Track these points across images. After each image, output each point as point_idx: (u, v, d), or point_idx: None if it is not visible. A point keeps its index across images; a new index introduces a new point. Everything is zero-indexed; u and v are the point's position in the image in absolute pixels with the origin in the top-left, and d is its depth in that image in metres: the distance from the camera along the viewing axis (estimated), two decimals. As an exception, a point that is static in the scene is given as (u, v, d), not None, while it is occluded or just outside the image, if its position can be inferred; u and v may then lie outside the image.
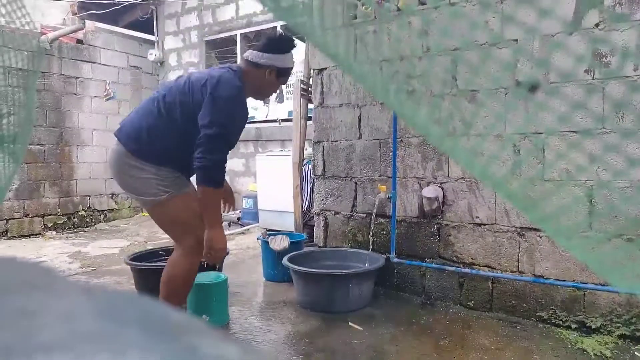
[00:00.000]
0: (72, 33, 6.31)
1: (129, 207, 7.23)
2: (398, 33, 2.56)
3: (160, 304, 0.28)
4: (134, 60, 7.24)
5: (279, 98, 6.18)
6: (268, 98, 2.44)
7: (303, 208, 4.35)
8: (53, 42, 5.99)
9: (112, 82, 6.92)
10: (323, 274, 2.87)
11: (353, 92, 3.41)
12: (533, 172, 2.61)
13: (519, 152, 2.67)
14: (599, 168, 2.43)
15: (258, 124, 6.26)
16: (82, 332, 0.23)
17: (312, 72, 3.76)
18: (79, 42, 6.56)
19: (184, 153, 2.09)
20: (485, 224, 2.84)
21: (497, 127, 2.74)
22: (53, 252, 4.87)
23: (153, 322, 0.26)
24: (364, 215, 3.41)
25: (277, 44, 2.22)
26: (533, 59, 2.62)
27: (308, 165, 4.48)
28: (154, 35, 7.40)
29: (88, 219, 6.63)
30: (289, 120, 5.34)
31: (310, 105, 4.00)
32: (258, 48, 2.22)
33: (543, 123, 2.58)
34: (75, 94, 6.48)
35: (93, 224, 6.66)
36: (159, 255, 3.38)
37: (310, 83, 3.94)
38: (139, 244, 5.12)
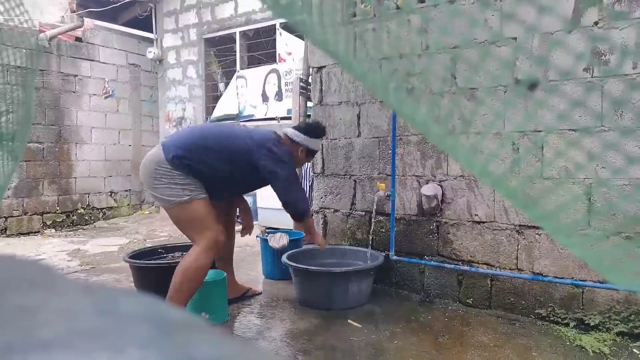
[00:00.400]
0: (70, 31, 6.30)
1: (128, 205, 7.23)
2: (397, 31, 2.56)
3: (160, 302, 0.29)
4: (133, 58, 7.23)
5: (278, 96, 6.16)
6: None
7: (302, 206, 4.34)
8: (52, 39, 5.97)
9: (110, 80, 6.91)
10: (322, 272, 2.87)
11: (352, 90, 3.41)
12: (532, 170, 2.61)
13: (518, 150, 2.67)
14: (598, 166, 2.43)
15: (257, 122, 6.26)
16: (81, 329, 0.23)
17: (311, 70, 3.75)
18: (78, 39, 6.54)
19: (220, 182, 2.53)
20: (484, 222, 2.85)
21: (496, 125, 2.74)
22: (52, 250, 4.87)
23: (152, 319, 0.26)
24: (363, 213, 3.41)
25: (314, 130, 2.77)
26: (532, 57, 2.62)
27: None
28: (153, 33, 7.38)
29: (87, 217, 6.63)
30: (288, 118, 5.33)
31: (310, 103, 3.99)
32: (298, 129, 2.74)
33: (542, 121, 2.58)
34: (74, 92, 6.47)
35: (92, 222, 6.66)
36: (158, 253, 3.38)
37: (310, 81, 3.93)
38: (138, 242, 5.12)
